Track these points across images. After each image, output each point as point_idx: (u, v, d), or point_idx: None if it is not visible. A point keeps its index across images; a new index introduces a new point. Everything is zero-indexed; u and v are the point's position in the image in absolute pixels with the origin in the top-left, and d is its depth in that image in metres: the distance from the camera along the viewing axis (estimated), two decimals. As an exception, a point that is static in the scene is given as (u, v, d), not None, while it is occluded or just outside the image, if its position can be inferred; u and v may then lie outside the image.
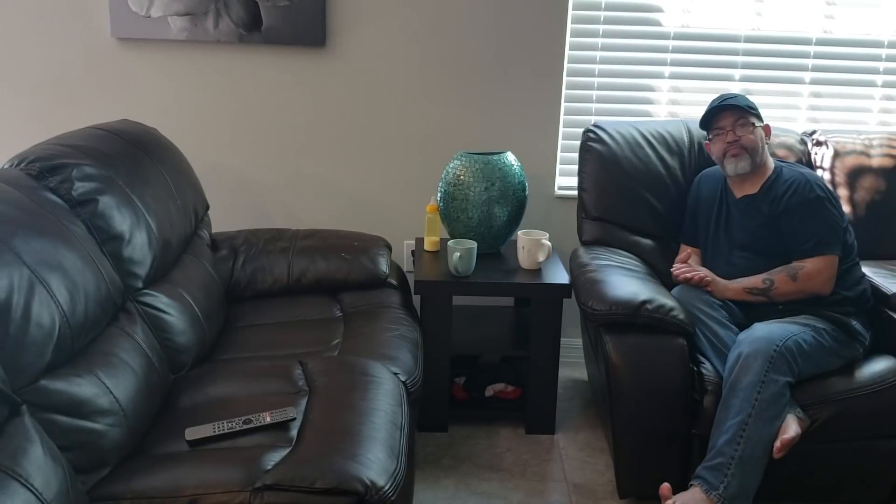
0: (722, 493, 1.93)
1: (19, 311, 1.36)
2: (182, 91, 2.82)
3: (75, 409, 1.45)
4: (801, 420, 2.01)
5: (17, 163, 1.76)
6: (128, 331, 1.73)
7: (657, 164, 2.57)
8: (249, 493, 1.40)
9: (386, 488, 1.45)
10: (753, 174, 2.29)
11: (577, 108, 2.91)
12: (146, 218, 1.93)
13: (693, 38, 2.84)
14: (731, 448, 1.95)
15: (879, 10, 2.80)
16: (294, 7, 2.69)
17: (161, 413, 1.74)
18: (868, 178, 2.59)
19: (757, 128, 2.27)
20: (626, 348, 2.08)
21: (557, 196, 2.94)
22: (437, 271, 2.49)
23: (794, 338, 2.04)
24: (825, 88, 2.89)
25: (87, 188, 1.77)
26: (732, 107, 2.26)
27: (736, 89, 2.87)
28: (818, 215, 2.18)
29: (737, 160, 2.26)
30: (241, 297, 2.44)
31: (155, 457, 1.57)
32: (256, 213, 2.91)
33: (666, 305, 2.10)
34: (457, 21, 2.77)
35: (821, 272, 2.15)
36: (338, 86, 2.82)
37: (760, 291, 2.19)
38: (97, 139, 2.00)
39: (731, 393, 1.99)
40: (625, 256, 2.47)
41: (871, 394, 2.07)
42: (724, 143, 2.27)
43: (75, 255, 1.59)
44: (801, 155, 2.62)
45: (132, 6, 2.68)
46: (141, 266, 1.87)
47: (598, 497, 2.24)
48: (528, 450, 2.47)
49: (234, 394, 1.80)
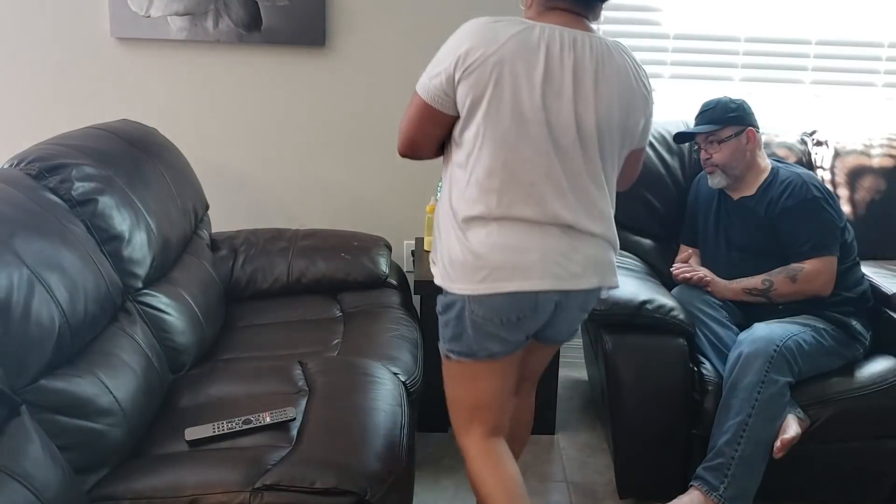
0: (722, 494, 1.93)
1: (19, 310, 1.36)
2: (182, 91, 2.81)
3: (75, 409, 1.45)
4: (801, 420, 2.01)
5: (17, 163, 1.75)
6: (128, 331, 1.72)
7: (657, 164, 2.57)
8: (249, 493, 1.40)
9: (386, 488, 1.45)
10: (748, 176, 2.28)
11: (577, 108, 2.90)
12: (146, 218, 1.93)
13: (693, 39, 2.83)
14: (731, 448, 1.95)
15: (879, 10, 2.80)
16: (294, 7, 2.69)
17: (161, 413, 1.74)
18: (868, 178, 2.59)
19: (729, 141, 2.23)
20: (626, 348, 2.08)
21: (557, 196, 2.94)
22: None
23: (795, 338, 2.04)
24: (825, 88, 2.89)
25: (86, 188, 1.77)
26: (695, 133, 2.28)
27: (736, 89, 2.86)
28: (815, 216, 2.18)
29: (712, 177, 2.30)
30: (241, 297, 2.43)
31: (155, 457, 1.57)
32: (256, 213, 2.91)
33: (666, 305, 2.09)
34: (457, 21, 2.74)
35: (820, 273, 2.15)
36: (338, 86, 2.82)
37: (760, 292, 2.19)
38: (97, 139, 2.00)
39: (731, 393, 1.99)
40: (625, 256, 2.47)
41: (871, 394, 2.07)
42: (702, 158, 2.32)
43: (75, 255, 1.59)
44: (801, 155, 2.62)
45: (132, 6, 2.67)
46: (141, 266, 1.87)
47: (598, 497, 2.24)
48: (528, 450, 2.46)
49: (234, 394, 1.80)
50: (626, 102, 1.56)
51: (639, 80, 1.59)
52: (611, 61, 1.53)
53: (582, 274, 1.59)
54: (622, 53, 1.57)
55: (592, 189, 1.58)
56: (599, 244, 1.62)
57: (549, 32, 1.51)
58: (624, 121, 1.57)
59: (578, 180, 1.55)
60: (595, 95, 1.52)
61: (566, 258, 1.57)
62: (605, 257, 1.64)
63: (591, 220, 1.59)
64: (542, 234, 1.55)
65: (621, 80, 1.54)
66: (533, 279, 1.54)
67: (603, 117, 1.53)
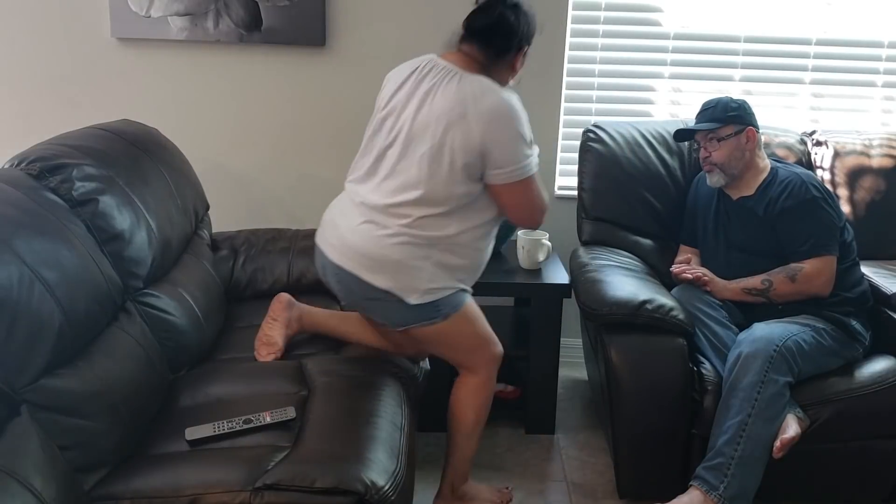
0: (722, 494, 1.93)
1: (19, 310, 1.36)
2: (182, 91, 2.82)
3: (75, 409, 1.45)
4: (801, 420, 2.01)
5: (18, 163, 1.76)
6: (128, 330, 1.73)
7: (657, 164, 2.57)
8: (249, 493, 1.40)
9: (386, 488, 1.45)
10: (747, 176, 2.29)
11: (576, 108, 2.91)
12: (146, 218, 1.93)
13: (693, 38, 2.84)
14: (730, 448, 1.95)
15: (879, 10, 2.80)
16: (294, 7, 2.69)
17: (161, 413, 1.74)
18: (868, 178, 2.59)
19: (729, 139, 2.24)
20: (626, 348, 2.09)
21: (557, 196, 2.94)
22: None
23: (794, 338, 2.05)
24: (825, 88, 2.89)
25: (87, 188, 1.77)
26: (696, 130, 2.29)
27: (736, 89, 2.87)
28: (814, 216, 2.18)
29: (710, 175, 2.31)
30: (242, 298, 2.43)
31: (155, 457, 1.57)
32: (256, 213, 2.91)
33: (666, 305, 2.10)
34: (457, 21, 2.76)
35: (820, 273, 2.15)
36: (338, 86, 2.82)
37: (759, 292, 2.19)
38: (97, 139, 2.00)
39: (730, 393, 1.99)
40: (625, 256, 2.47)
41: (871, 394, 2.07)
42: (701, 157, 2.32)
43: (75, 255, 1.59)
44: (800, 155, 2.62)
45: (132, 6, 2.68)
46: (141, 266, 1.87)
47: (598, 497, 2.24)
48: (527, 450, 2.47)
49: (234, 394, 1.80)
50: (444, 122, 1.74)
51: (471, 112, 1.73)
52: (448, 88, 1.76)
53: (337, 246, 1.83)
54: (473, 91, 1.75)
55: (390, 180, 1.81)
56: (363, 231, 1.80)
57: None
58: (441, 136, 1.75)
59: (382, 169, 1.83)
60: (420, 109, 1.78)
61: (333, 226, 1.87)
62: (362, 247, 1.79)
63: (369, 208, 1.81)
64: (340, 199, 1.92)
65: (446, 105, 1.74)
66: (320, 233, 1.92)
67: (419, 125, 1.78)
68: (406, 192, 1.77)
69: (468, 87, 1.75)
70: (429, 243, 1.78)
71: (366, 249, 1.78)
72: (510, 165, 1.77)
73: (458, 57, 1.84)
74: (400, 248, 1.77)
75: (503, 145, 1.75)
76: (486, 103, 1.74)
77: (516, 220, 1.95)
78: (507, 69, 1.89)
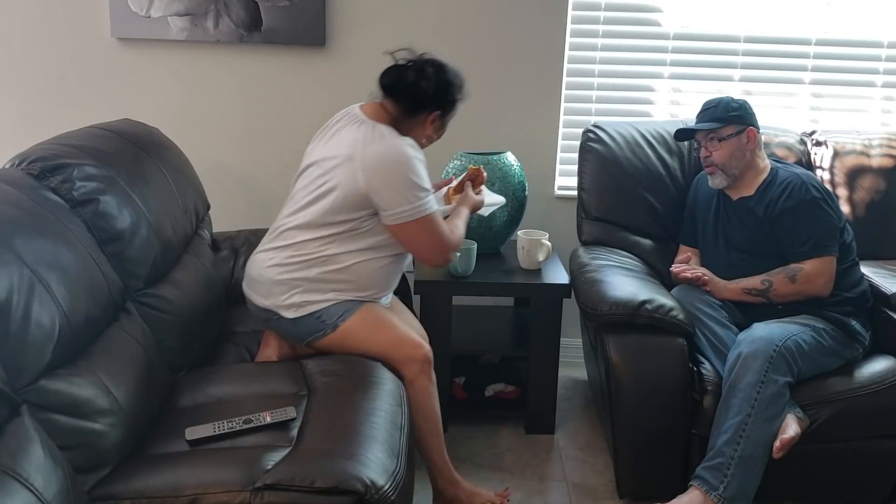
0: (722, 494, 1.93)
1: (19, 311, 1.36)
2: (182, 91, 2.82)
3: (75, 409, 1.45)
4: (800, 420, 2.01)
5: (18, 163, 1.76)
6: (128, 331, 1.73)
7: (657, 164, 2.58)
8: (249, 493, 1.40)
9: (386, 488, 1.45)
10: (747, 177, 2.29)
11: (576, 108, 2.91)
12: (147, 218, 1.93)
13: (693, 39, 2.84)
14: (730, 448, 1.95)
15: (879, 10, 2.80)
16: (294, 7, 2.69)
17: (161, 413, 1.74)
18: (868, 178, 2.59)
19: (729, 139, 2.24)
20: (626, 348, 2.09)
21: (557, 196, 2.94)
22: (437, 271, 2.49)
23: (794, 338, 2.05)
24: (825, 88, 2.89)
25: (88, 188, 1.77)
26: (697, 129, 2.28)
27: (736, 89, 2.87)
28: (814, 217, 2.18)
29: (712, 178, 2.31)
30: (242, 298, 2.43)
31: (155, 457, 1.57)
32: (257, 213, 2.91)
33: (666, 305, 2.10)
34: (457, 21, 2.77)
35: (820, 274, 2.15)
36: (338, 86, 2.82)
37: (759, 292, 2.19)
38: (98, 139, 2.00)
39: (730, 393, 1.99)
40: (625, 256, 2.47)
41: (871, 394, 2.07)
42: (702, 157, 2.32)
43: (76, 255, 1.59)
44: (800, 155, 2.62)
45: (132, 6, 2.68)
46: (141, 266, 1.87)
47: (597, 497, 2.24)
48: (527, 450, 2.47)
49: (234, 394, 1.80)
50: (334, 161, 1.89)
51: (358, 156, 1.85)
52: (348, 131, 1.91)
53: (255, 279, 2.00)
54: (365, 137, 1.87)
55: (287, 206, 2.00)
56: (258, 260, 2.00)
57: None
58: (329, 171, 1.89)
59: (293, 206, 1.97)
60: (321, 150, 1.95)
61: (253, 262, 2.03)
62: (254, 273, 2.01)
63: (271, 237, 2.00)
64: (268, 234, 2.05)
65: (340, 146, 1.89)
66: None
67: (315, 159, 1.95)
68: (293, 216, 1.95)
69: (363, 133, 1.88)
70: (305, 265, 1.92)
71: (256, 274, 2.00)
72: (397, 207, 1.87)
73: (374, 107, 1.96)
74: (277, 268, 1.94)
75: (388, 189, 1.85)
76: (373, 150, 1.85)
77: (419, 257, 2.04)
78: (420, 128, 1.97)
